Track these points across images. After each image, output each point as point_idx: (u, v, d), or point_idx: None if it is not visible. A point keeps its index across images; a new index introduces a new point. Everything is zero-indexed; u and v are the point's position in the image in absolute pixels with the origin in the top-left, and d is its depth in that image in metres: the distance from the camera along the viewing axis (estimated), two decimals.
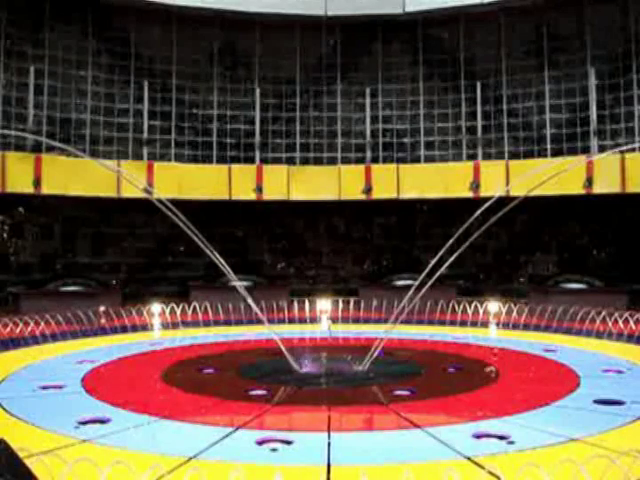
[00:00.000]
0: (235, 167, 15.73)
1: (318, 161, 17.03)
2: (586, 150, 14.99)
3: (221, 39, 16.92)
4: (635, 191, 13.47)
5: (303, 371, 7.76)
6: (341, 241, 17.21)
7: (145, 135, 15.88)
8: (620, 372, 7.47)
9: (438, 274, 8.21)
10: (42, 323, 10.41)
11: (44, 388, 6.69)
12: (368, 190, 15.26)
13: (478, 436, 5.02)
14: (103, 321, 11.62)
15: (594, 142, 14.91)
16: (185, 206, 15.57)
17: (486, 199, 15.05)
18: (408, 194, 15.30)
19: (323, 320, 12.66)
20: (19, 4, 14.98)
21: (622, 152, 12.72)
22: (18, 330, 9.98)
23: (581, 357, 8.51)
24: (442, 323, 11.97)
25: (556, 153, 15.50)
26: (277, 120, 17.15)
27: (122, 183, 14.54)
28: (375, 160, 16.47)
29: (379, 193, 15.33)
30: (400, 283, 15.01)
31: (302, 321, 12.61)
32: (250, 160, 16.36)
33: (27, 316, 10.67)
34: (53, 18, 15.44)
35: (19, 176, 13.51)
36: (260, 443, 4.86)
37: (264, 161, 16.27)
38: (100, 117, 16.03)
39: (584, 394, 6.38)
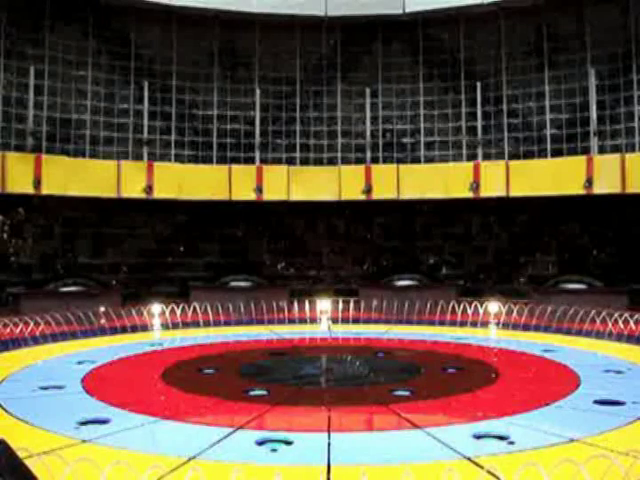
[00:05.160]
0: (235, 167, 15.73)
1: (318, 161, 17.01)
2: (586, 150, 14.99)
3: (221, 39, 16.91)
4: (635, 191, 13.46)
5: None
6: (341, 241, 17.20)
7: (145, 135, 15.87)
8: (620, 372, 7.48)
9: None
10: (42, 323, 10.42)
11: (44, 388, 6.70)
12: (368, 190, 15.27)
13: (478, 436, 5.02)
14: (103, 321, 11.61)
15: (594, 142, 14.90)
16: (185, 206, 15.73)
17: (486, 199, 15.21)
18: (408, 194, 15.30)
19: (323, 320, 12.66)
20: (19, 4, 14.97)
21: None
22: (18, 330, 9.98)
23: (581, 357, 8.51)
24: (442, 323, 11.98)
25: (556, 153, 15.50)
26: (277, 120, 17.15)
27: (122, 183, 14.57)
28: (375, 160, 16.46)
29: (379, 193, 15.34)
30: (400, 283, 15.03)
31: (302, 321, 12.62)
32: (250, 160, 16.36)
33: (27, 316, 10.67)
34: (53, 18, 15.42)
35: (19, 176, 13.50)
36: (260, 443, 4.86)
37: (264, 161, 16.28)
38: (100, 117, 16.02)
39: (584, 394, 6.39)
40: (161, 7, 15.52)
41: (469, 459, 4.41)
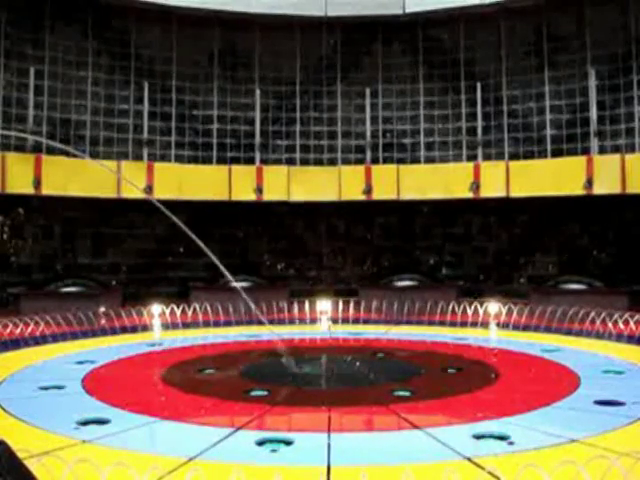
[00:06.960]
0: (235, 168, 15.73)
1: (318, 162, 17.02)
2: (586, 151, 14.99)
3: (221, 39, 16.92)
4: (635, 191, 13.46)
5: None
6: (341, 242, 17.21)
7: (145, 136, 15.87)
8: (620, 372, 7.47)
9: None
10: (42, 323, 10.41)
11: (44, 388, 6.69)
12: (368, 191, 15.27)
13: (478, 436, 5.02)
14: (103, 322, 11.61)
15: (594, 143, 14.90)
16: (185, 207, 15.72)
17: (486, 200, 15.22)
18: (408, 195, 15.31)
19: (323, 321, 12.65)
20: (19, 4, 14.97)
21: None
22: (18, 330, 9.97)
23: (581, 357, 8.50)
24: (442, 324, 11.97)
25: (556, 154, 15.50)
26: (277, 121, 17.15)
27: (122, 183, 14.56)
28: (375, 161, 16.47)
29: (379, 194, 15.34)
30: (400, 284, 15.03)
31: (302, 321, 12.61)
32: (250, 161, 16.36)
33: (27, 316, 10.67)
34: (53, 18, 15.43)
35: (19, 176, 13.51)
36: (260, 444, 4.86)
37: (264, 162, 16.28)
38: (100, 118, 16.03)
39: (584, 395, 6.38)
40: (161, 7, 15.53)
41: (469, 459, 4.41)
